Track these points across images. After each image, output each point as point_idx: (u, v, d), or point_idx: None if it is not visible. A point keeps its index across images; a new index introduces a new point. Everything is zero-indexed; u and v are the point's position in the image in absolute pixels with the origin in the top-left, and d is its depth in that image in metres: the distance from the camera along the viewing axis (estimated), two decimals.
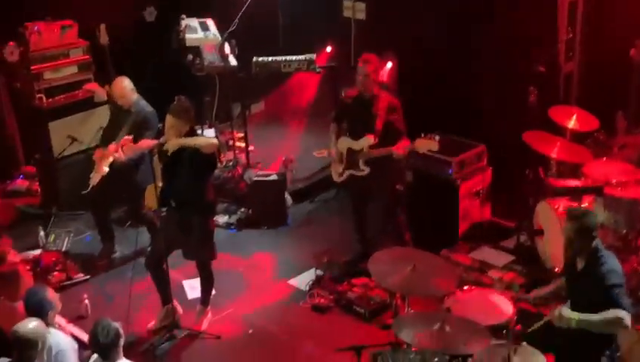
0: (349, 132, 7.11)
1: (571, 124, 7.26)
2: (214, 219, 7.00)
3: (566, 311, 4.85)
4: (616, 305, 4.82)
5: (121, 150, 7.20)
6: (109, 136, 7.56)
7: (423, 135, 6.72)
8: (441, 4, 8.59)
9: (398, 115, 6.93)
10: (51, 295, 5.42)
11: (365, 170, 6.97)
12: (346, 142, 7.09)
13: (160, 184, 6.55)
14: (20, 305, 5.58)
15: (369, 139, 6.89)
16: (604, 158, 7.21)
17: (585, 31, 8.47)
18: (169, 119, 6.23)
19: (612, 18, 8.18)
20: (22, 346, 4.93)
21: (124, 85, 7.48)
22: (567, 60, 8.54)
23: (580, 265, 5.15)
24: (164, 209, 6.50)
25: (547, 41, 8.07)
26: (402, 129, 6.92)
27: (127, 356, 5.08)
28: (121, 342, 5.00)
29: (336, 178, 7.29)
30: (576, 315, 4.83)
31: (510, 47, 8.36)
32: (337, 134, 7.22)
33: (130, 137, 7.24)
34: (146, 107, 7.47)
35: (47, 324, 5.30)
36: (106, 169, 7.26)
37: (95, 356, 5.08)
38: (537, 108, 7.38)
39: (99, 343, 4.90)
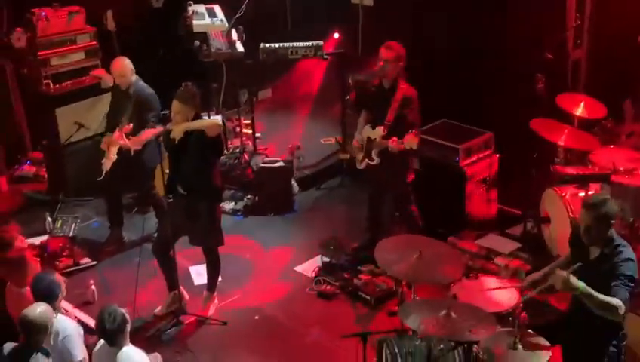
0: (370, 120, 7.06)
1: (579, 111, 7.24)
2: (221, 205, 7.01)
3: (573, 278, 4.76)
4: (614, 293, 4.79)
5: (127, 139, 7.20)
6: (112, 121, 7.56)
7: (411, 131, 6.65)
8: None
9: (413, 108, 6.85)
10: (60, 281, 5.44)
11: (375, 160, 6.94)
12: (367, 131, 7.05)
13: (166, 170, 6.55)
14: (27, 290, 5.61)
15: (379, 130, 6.86)
16: (612, 146, 7.20)
17: (593, 18, 8.43)
18: (175, 105, 6.24)
19: (620, 5, 8.14)
20: (30, 330, 4.97)
21: (124, 64, 7.46)
22: (575, 47, 8.51)
23: (595, 253, 5.09)
24: (171, 196, 6.50)
25: (555, 28, 8.03)
26: (414, 122, 6.82)
27: (133, 341, 5.11)
28: (128, 327, 5.03)
29: (357, 165, 7.24)
30: (581, 284, 4.76)
31: (518, 34, 8.33)
32: (364, 121, 7.17)
33: (130, 125, 7.23)
34: (146, 88, 7.46)
35: (58, 310, 5.34)
36: (114, 156, 7.28)
37: (101, 341, 5.11)
38: (545, 96, 7.36)
39: (105, 329, 4.92)
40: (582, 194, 6.77)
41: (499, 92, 8.45)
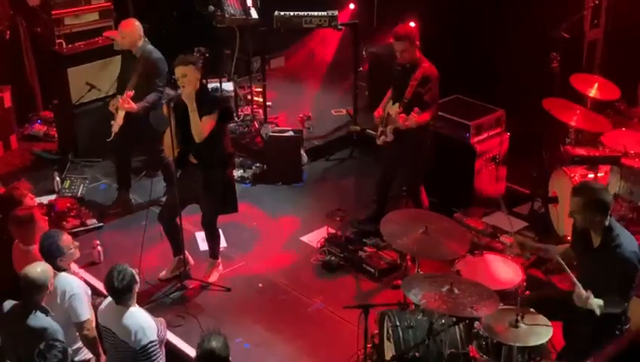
0: (392, 96, 7.08)
1: (592, 92, 7.19)
2: None
3: (593, 299, 4.80)
4: (618, 294, 4.82)
5: (132, 103, 7.19)
6: (121, 84, 7.55)
7: (426, 109, 6.69)
8: None
9: (431, 87, 6.83)
10: (67, 241, 5.47)
11: (390, 137, 6.93)
12: (388, 107, 7.04)
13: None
14: (34, 248, 5.65)
15: (397, 106, 6.84)
16: (624, 129, 7.15)
17: None
18: (178, 70, 6.23)
19: None
20: (29, 289, 5.02)
21: (134, 26, 7.40)
22: (592, 28, 8.43)
23: (596, 242, 5.09)
24: (182, 167, 6.51)
25: (572, 7, 7.95)
26: (430, 100, 6.82)
27: (137, 303, 5.14)
28: (136, 288, 5.07)
29: (377, 140, 7.24)
30: (601, 303, 4.79)
31: (535, 12, 8.25)
32: (389, 97, 7.16)
33: (132, 92, 7.21)
34: (154, 52, 7.43)
35: (61, 269, 5.38)
36: (122, 120, 7.28)
37: (108, 300, 5.15)
38: (559, 75, 7.30)
39: (113, 287, 4.96)
40: (591, 175, 6.74)
41: (513, 69, 8.39)
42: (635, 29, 8.05)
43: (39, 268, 5.07)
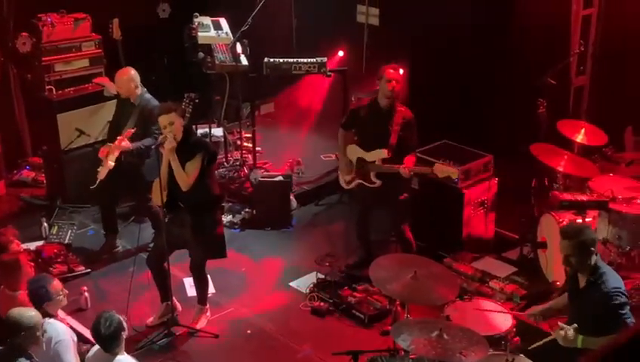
0: (360, 141, 7.07)
1: (579, 138, 7.24)
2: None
3: (571, 333, 4.81)
4: (623, 325, 4.81)
5: (128, 142, 7.22)
6: (115, 130, 7.57)
7: (442, 161, 6.74)
8: (455, 15, 8.58)
9: (412, 130, 6.90)
10: (56, 287, 5.44)
11: (377, 183, 6.95)
12: (357, 151, 7.05)
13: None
14: (19, 294, 5.61)
15: (383, 153, 6.85)
16: (611, 174, 7.19)
17: (597, 46, 8.46)
18: (164, 119, 6.24)
19: (625, 34, 8.17)
20: (15, 333, 4.96)
21: (130, 75, 7.46)
22: (578, 74, 8.53)
23: (582, 282, 5.11)
24: (171, 212, 6.50)
25: (559, 53, 8.05)
26: (414, 145, 6.90)
27: (125, 350, 5.08)
28: (124, 335, 5.01)
29: (343, 184, 7.27)
30: (581, 337, 4.79)
31: (522, 58, 8.35)
32: (345, 141, 7.18)
33: (134, 129, 7.25)
34: (152, 100, 7.47)
35: (48, 314, 5.33)
36: (112, 163, 7.27)
37: (95, 348, 5.09)
38: (546, 121, 7.36)
39: (100, 334, 4.91)
40: (579, 220, 6.76)
41: (500, 115, 8.47)
42: (620, 76, 8.14)
43: (27, 313, 5.02)
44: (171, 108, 6.30)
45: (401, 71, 8.47)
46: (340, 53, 9.92)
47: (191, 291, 7.13)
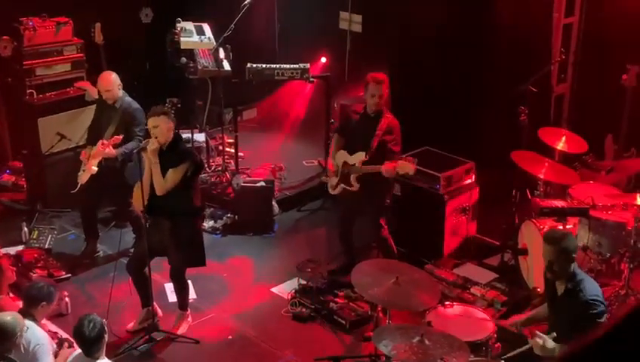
0: (346, 146, 7.10)
1: (560, 145, 7.29)
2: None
3: (549, 343, 4.83)
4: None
5: (112, 149, 7.20)
6: (95, 134, 7.54)
7: (404, 156, 6.72)
8: (437, 22, 8.60)
9: (395, 136, 6.92)
10: (59, 296, 5.51)
11: (355, 186, 6.95)
12: (342, 156, 7.07)
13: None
14: (2, 299, 5.57)
15: (361, 155, 6.88)
16: (591, 181, 7.24)
17: (578, 54, 8.52)
18: (150, 121, 6.27)
19: (606, 43, 8.24)
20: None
21: (112, 79, 7.45)
22: (560, 82, 8.59)
23: (560, 289, 5.13)
24: (151, 215, 6.48)
25: (540, 61, 8.10)
26: (396, 150, 6.90)
27: (105, 355, 5.05)
28: (106, 338, 5.00)
29: (330, 190, 7.27)
30: (558, 346, 4.81)
31: (503, 66, 8.39)
32: (338, 146, 7.19)
33: (121, 137, 7.23)
34: (133, 103, 7.47)
35: (31, 316, 5.32)
36: (95, 168, 7.24)
37: (76, 352, 5.06)
38: (527, 128, 7.40)
39: (84, 336, 4.88)
40: (560, 227, 6.80)
41: (482, 122, 8.50)
42: (601, 84, 8.21)
43: (8, 317, 4.99)
44: (161, 112, 6.34)
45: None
46: (323, 60, 9.94)
47: (172, 297, 7.09)
